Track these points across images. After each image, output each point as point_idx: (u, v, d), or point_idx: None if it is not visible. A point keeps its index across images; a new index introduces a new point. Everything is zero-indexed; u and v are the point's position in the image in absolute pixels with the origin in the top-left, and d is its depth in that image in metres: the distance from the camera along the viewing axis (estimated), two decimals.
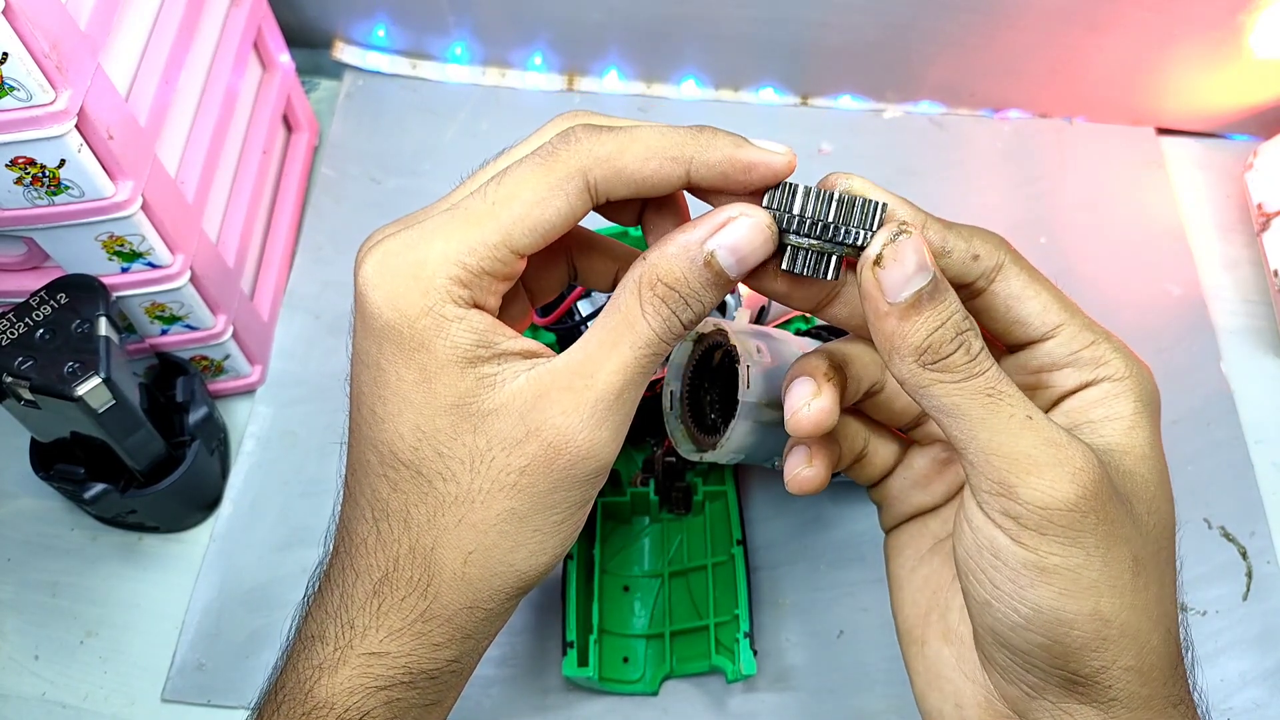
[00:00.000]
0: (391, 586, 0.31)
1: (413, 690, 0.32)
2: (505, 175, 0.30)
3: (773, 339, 0.42)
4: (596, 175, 0.29)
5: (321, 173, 0.66)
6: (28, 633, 0.51)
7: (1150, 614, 0.30)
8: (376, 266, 0.30)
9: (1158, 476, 0.31)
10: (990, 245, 0.31)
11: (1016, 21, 0.62)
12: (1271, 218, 0.61)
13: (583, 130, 0.30)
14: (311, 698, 0.31)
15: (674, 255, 0.29)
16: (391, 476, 0.31)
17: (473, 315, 0.30)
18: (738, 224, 0.29)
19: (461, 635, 0.32)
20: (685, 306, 0.30)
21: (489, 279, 0.30)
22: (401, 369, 0.30)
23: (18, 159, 0.40)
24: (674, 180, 0.30)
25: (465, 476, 0.30)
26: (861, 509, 0.54)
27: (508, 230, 0.29)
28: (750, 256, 0.30)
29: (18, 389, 0.43)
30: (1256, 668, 0.50)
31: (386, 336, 0.30)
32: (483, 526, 0.30)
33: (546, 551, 0.31)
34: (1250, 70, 0.63)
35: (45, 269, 0.48)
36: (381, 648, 0.31)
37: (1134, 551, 0.29)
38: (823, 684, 0.49)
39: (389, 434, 0.30)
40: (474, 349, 0.30)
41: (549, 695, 0.49)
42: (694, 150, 0.30)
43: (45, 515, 0.54)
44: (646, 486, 0.51)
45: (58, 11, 0.38)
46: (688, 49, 0.68)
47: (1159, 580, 0.30)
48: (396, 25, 0.68)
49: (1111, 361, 0.31)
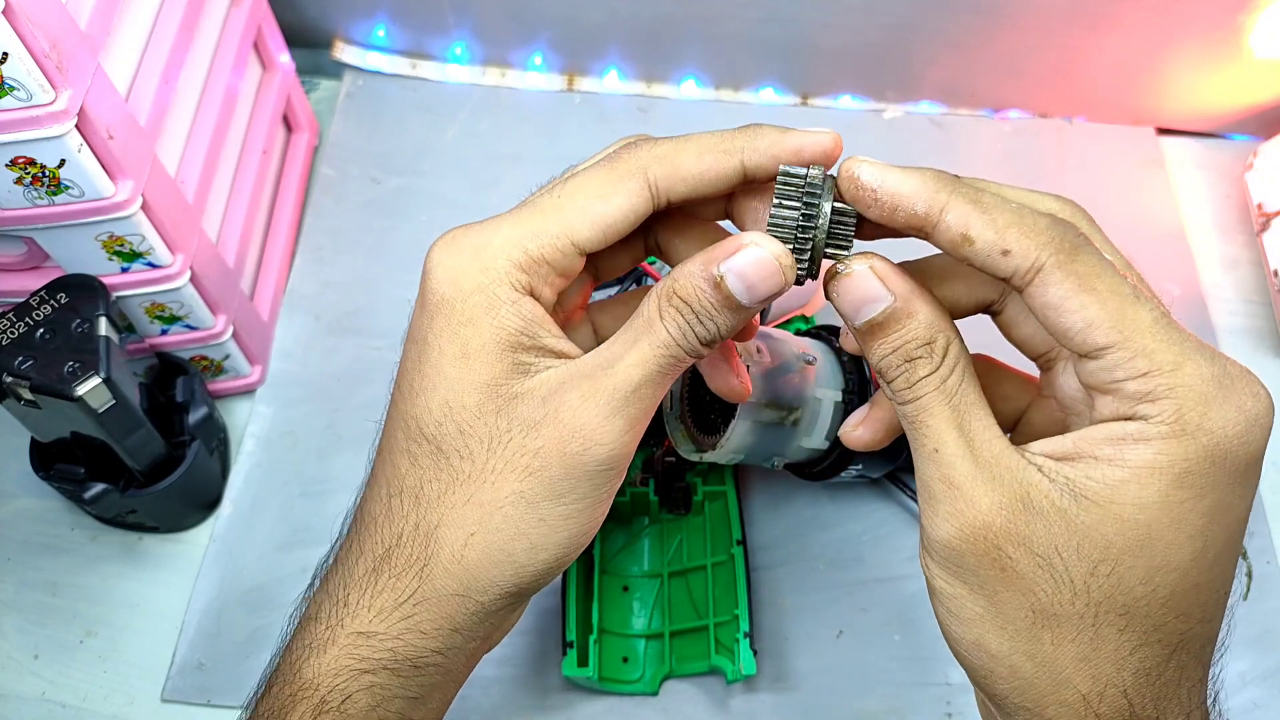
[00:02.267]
0: (390, 563, 0.31)
1: (396, 678, 0.32)
2: (572, 178, 0.31)
3: (772, 339, 0.42)
4: (656, 172, 0.31)
5: (321, 173, 0.66)
6: (27, 632, 0.51)
7: (1056, 671, 0.29)
8: (443, 247, 0.31)
9: (1132, 541, 0.27)
10: (1033, 241, 0.28)
11: (1017, 22, 0.62)
12: (1271, 218, 0.61)
13: (643, 138, 0.32)
14: (299, 677, 0.32)
15: (690, 272, 0.30)
16: (413, 451, 0.31)
17: (525, 302, 0.31)
18: (746, 251, 0.30)
19: (450, 626, 0.32)
20: (699, 323, 0.30)
21: (548, 269, 0.31)
22: (445, 343, 0.31)
23: (18, 159, 0.40)
24: (729, 172, 0.31)
25: (481, 455, 0.31)
26: (862, 509, 0.54)
27: (570, 222, 0.31)
28: (760, 285, 0.30)
29: (18, 389, 0.43)
30: (1256, 668, 0.50)
31: (439, 310, 0.31)
32: (489, 506, 0.31)
33: (547, 548, 0.31)
34: (1250, 70, 0.63)
35: (45, 269, 0.48)
36: (370, 627, 0.31)
37: (1037, 603, 0.28)
38: (822, 684, 0.50)
39: (420, 408, 0.31)
40: (518, 335, 0.31)
41: (549, 695, 0.49)
42: (744, 141, 0.31)
43: (45, 515, 0.54)
44: (646, 486, 0.51)
45: (58, 11, 0.38)
46: (688, 49, 0.68)
47: (1088, 642, 0.28)
48: (396, 25, 0.68)
49: (1162, 402, 0.27)
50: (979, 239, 0.28)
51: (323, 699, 0.31)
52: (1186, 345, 0.28)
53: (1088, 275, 0.28)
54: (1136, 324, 0.28)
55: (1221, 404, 0.27)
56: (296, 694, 0.31)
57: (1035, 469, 0.28)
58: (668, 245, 0.35)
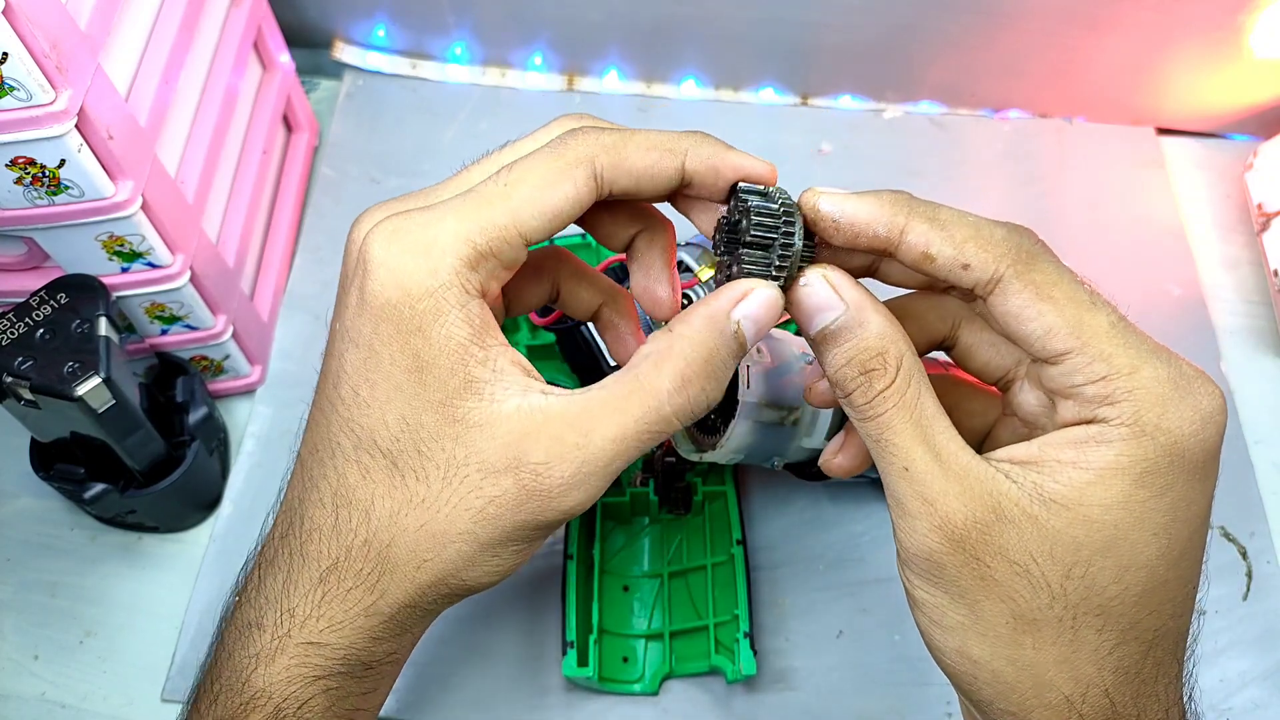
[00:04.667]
0: (339, 577, 0.31)
1: (350, 680, 0.32)
2: (517, 164, 0.30)
3: (773, 339, 0.42)
4: (603, 163, 0.30)
5: (321, 173, 0.66)
6: (27, 632, 0.51)
7: (1039, 674, 0.29)
8: (386, 243, 0.29)
9: (1101, 542, 0.28)
10: (991, 254, 0.29)
11: (1017, 22, 0.63)
12: (1271, 217, 0.61)
13: (590, 126, 0.31)
14: (249, 687, 0.31)
15: (705, 334, 0.30)
16: (365, 463, 0.30)
17: (474, 305, 0.29)
18: (758, 294, 0.30)
19: (400, 630, 0.32)
20: (716, 383, 0.30)
21: (495, 263, 0.30)
22: (396, 353, 0.29)
23: (18, 159, 0.40)
24: (670, 172, 0.31)
25: (438, 483, 0.30)
26: (861, 509, 0.54)
27: (518, 212, 0.29)
28: (766, 324, 0.30)
29: (18, 389, 0.43)
30: (1256, 667, 0.50)
31: (385, 316, 0.29)
32: (443, 540, 0.30)
33: (500, 572, 0.31)
34: (1250, 70, 0.63)
35: (45, 269, 0.48)
36: (321, 638, 0.31)
37: (1016, 609, 0.29)
38: (822, 684, 0.50)
39: (373, 419, 0.30)
40: (468, 345, 0.29)
41: (549, 695, 0.49)
42: (688, 144, 0.31)
43: (45, 515, 0.54)
44: (646, 487, 0.51)
45: (58, 11, 0.38)
46: (688, 49, 0.68)
47: (1068, 644, 0.29)
48: (396, 25, 0.68)
49: (1121, 404, 0.28)
50: (939, 255, 0.29)
51: (278, 707, 0.31)
52: (1143, 349, 0.29)
53: (1045, 284, 0.29)
54: (1094, 329, 0.29)
55: (1178, 404, 0.28)
56: (249, 703, 0.31)
57: (1004, 477, 0.29)
58: (597, 222, 0.35)
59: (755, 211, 0.30)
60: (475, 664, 0.50)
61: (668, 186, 0.31)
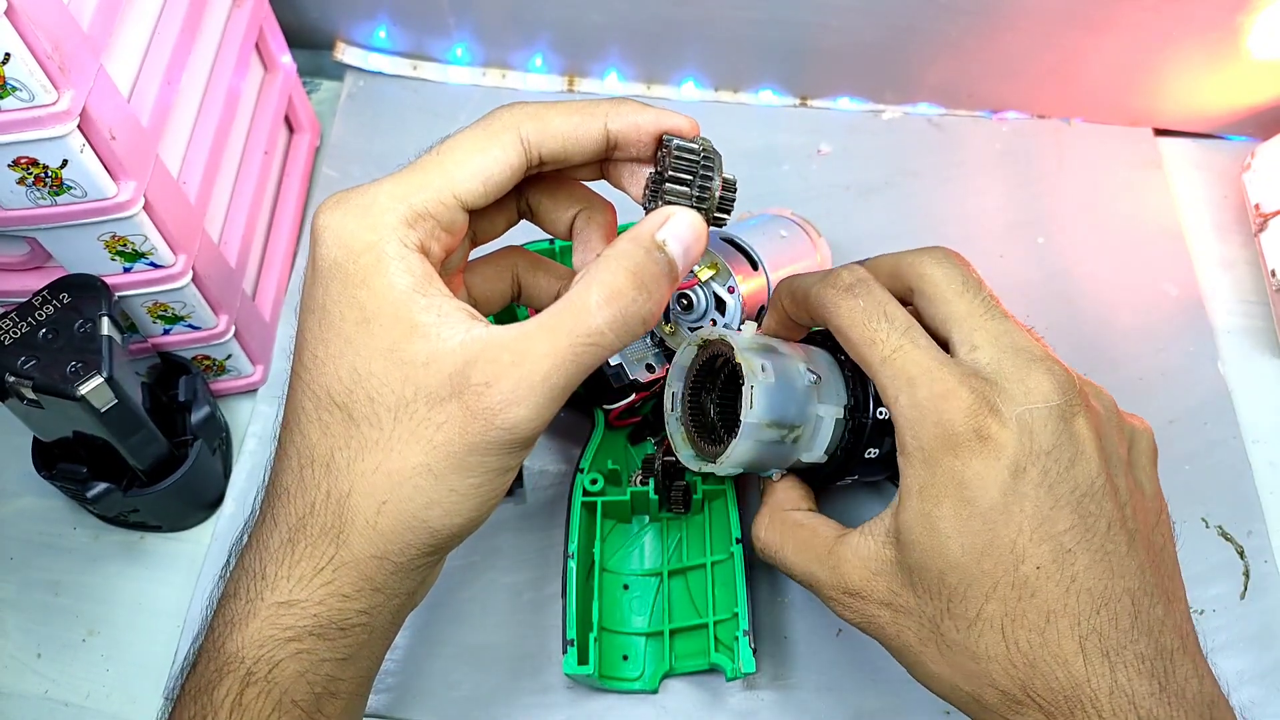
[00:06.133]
0: (305, 532, 0.32)
1: (323, 642, 0.32)
2: (449, 138, 0.33)
3: (779, 355, 0.42)
4: (528, 128, 0.33)
5: (323, 173, 0.66)
6: (30, 631, 0.51)
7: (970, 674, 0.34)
8: (329, 211, 0.32)
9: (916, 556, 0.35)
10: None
11: (1014, 23, 0.63)
12: (1269, 218, 0.62)
13: (516, 102, 0.34)
14: (223, 652, 0.32)
15: (630, 249, 0.32)
16: (324, 419, 0.32)
17: (413, 258, 0.31)
18: (679, 216, 0.33)
19: (371, 587, 0.32)
20: (647, 295, 0.31)
21: (433, 223, 0.32)
22: (344, 309, 0.31)
23: (20, 159, 0.40)
24: (594, 132, 0.33)
25: (389, 424, 0.31)
26: (861, 509, 0.54)
27: (451, 174, 0.32)
28: (693, 247, 0.33)
29: (20, 388, 0.43)
30: (1254, 666, 0.50)
31: (333, 275, 0.31)
32: (398, 477, 0.31)
33: (462, 514, 0.32)
34: (1248, 71, 0.63)
35: (48, 269, 0.48)
36: (291, 596, 0.31)
37: (906, 643, 0.36)
38: (821, 682, 0.50)
39: (328, 376, 0.31)
40: (410, 293, 0.31)
41: (549, 693, 0.49)
42: (608, 107, 0.34)
43: (47, 514, 0.54)
44: (646, 486, 0.51)
45: (60, 12, 0.38)
46: (687, 50, 0.68)
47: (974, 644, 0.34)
48: (398, 26, 0.69)
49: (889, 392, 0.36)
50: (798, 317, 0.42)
51: (249, 670, 0.31)
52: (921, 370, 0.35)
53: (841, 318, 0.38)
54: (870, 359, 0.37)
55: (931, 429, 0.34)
56: (222, 668, 0.31)
57: (866, 543, 0.37)
58: (538, 206, 0.37)
59: (677, 149, 0.33)
60: (475, 662, 0.50)
61: (594, 148, 0.33)
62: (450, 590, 0.52)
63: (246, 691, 0.31)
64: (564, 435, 0.56)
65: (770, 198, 0.64)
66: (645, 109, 0.34)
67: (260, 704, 0.31)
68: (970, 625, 0.33)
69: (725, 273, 0.49)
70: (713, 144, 0.34)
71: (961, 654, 0.34)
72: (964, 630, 0.34)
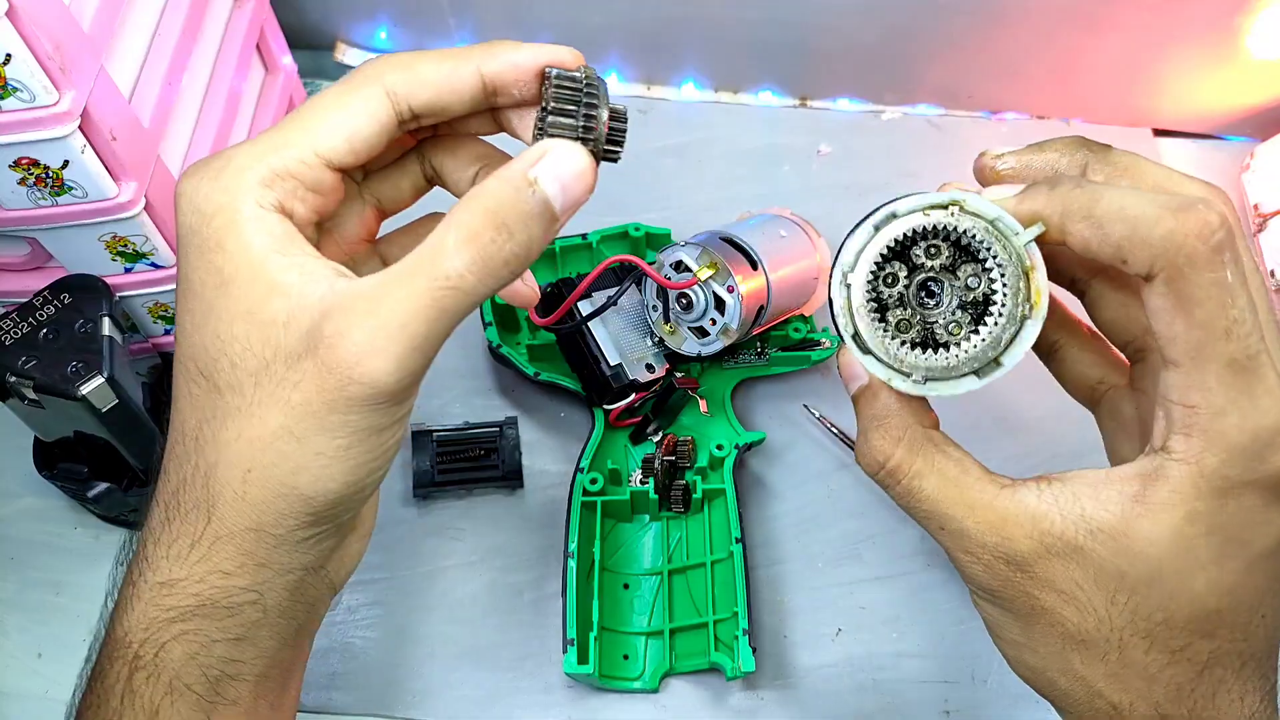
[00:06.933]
0: (178, 509, 0.31)
1: (210, 622, 0.31)
2: (312, 96, 0.32)
3: None
4: (393, 79, 0.31)
5: None
6: (31, 631, 0.51)
7: (1088, 685, 0.32)
8: (186, 177, 0.31)
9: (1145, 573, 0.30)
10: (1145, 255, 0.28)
11: (1014, 24, 0.63)
12: (1268, 218, 0.62)
13: (384, 54, 0.32)
14: (111, 637, 0.31)
15: (495, 186, 0.29)
16: (193, 391, 0.30)
17: (271, 218, 0.30)
18: (556, 150, 0.30)
19: (253, 563, 0.31)
20: (509, 235, 0.28)
21: (295, 182, 0.30)
22: (204, 274, 0.30)
23: (21, 160, 0.40)
24: (468, 78, 0.31)
25: (250, 388, 0.29)
26: (860, 509, 0.54)
27: (311, 130, 0.30)
28: (574, 185, 0.29)
29: (21, 388, 0.43)
30: None
31: (189, 242, 0.30)
32: (259, 443, 0.29)
33: (334, 479, 0.30)
34: (1247, 72, 0.63)
35: (49, 269, 0.49)
36: (170, 575, 0.30)
37: (1065, 631, 0.31)
38: (821, 681, 0.50)
39: (194, 346, 0.30)
40: (267, 254, 0.29)
41: (549, 692, 0.49)
42: (480, 50, 0.31)
43: (48, 514, 0.54)
44: (646, 485, 0.51)
45: (61, 13, 0.38)
46: (687, 51, 0.68)
47: (1115, 661, 0.31)
48: (398, 28, 0.69)
49: (1194, 440, 0.29)
50: (1099, 254, 0.29)
51: (136, 654, 0.30)
52: (1250, 393, 0.28)
53: (1189, 297, 0.28)
54: (1209, 358, 0.28)
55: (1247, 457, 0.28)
56: (112, 653, 0.31)
57: (1046, 512, 0.31)
58: (441, 167, 0.35)
59: (557, 79, 0.30)
60: (476, 661, 0.50)
61: (472, 95, 0.31)
62: (450, 590, 0.52)
63: (135, 676, 0.30)
64: (564, 435, 0.56)
65: (770, 198, 0.64)
66: (521, 46, 0.31)
67: (149, 688, 0.30)
68: (1172, 656, 0.30)
69: (725, 272, 0.49)
70: (596, 72, 0.31)
71: (1133, 672, 0.31)
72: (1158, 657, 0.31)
